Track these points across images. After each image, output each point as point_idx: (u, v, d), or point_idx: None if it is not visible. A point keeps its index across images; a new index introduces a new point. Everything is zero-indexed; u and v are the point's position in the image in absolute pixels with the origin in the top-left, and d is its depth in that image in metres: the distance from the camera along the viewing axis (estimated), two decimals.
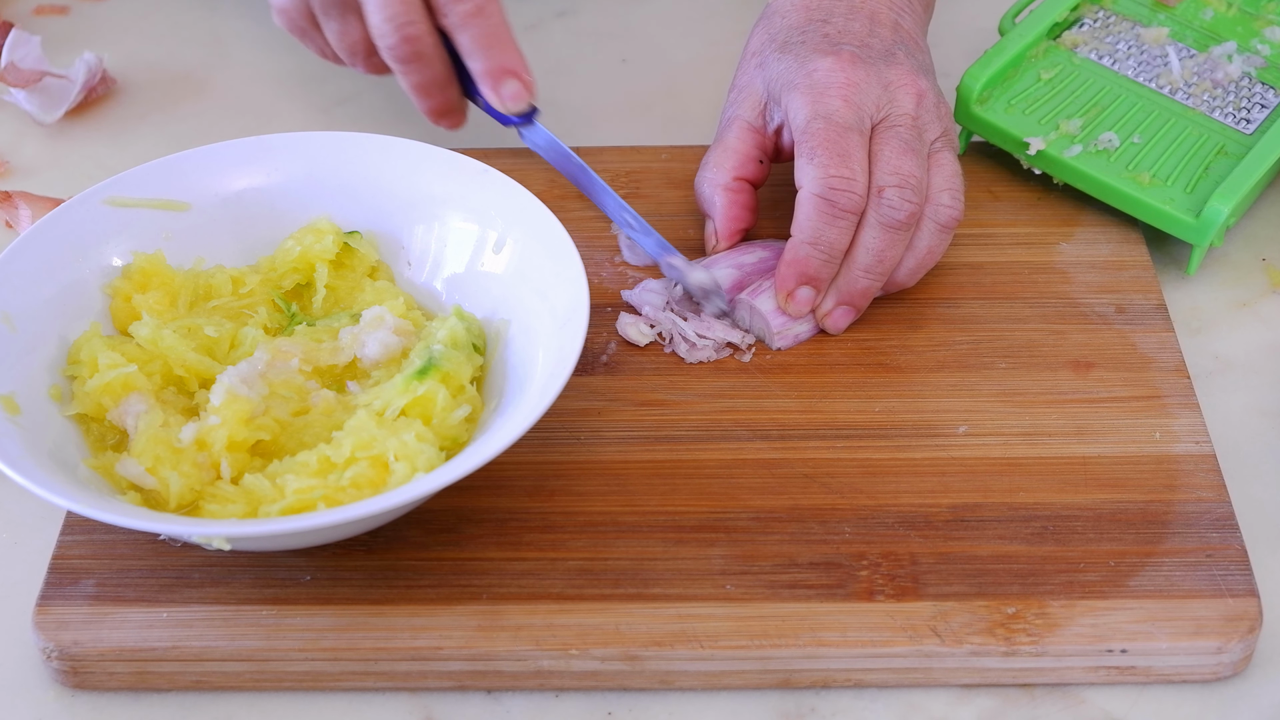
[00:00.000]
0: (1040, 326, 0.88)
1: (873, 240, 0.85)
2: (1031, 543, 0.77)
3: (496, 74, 0.91)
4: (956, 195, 0.87)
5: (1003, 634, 0.74)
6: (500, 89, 0.91)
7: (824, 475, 0.81)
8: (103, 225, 0.85)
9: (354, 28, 0.92)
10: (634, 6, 1.15)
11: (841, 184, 0.84)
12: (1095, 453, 0.82)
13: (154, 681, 0.75)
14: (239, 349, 0.83)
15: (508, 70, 0.91)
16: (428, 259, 0.87)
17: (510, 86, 0.91)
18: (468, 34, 0.90)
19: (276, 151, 0.88)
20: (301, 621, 0.75)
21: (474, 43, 0.90)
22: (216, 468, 0.77)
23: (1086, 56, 0.98)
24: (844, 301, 0.87)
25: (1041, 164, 0.95)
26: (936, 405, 0.84)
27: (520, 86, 0.91)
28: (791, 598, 0.75)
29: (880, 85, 0.87)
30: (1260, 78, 0.97)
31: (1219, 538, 0.77)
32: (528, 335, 0.81)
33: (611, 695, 0.75)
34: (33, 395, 0.78)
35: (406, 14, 0.89)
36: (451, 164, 0.87)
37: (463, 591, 0.76)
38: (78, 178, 1.01)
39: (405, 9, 0.89)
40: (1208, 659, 0.74)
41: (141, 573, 0.77)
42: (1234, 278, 0.94)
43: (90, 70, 1.05)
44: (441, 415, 0.78)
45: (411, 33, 0.90)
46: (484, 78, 0.91)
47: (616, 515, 0.79)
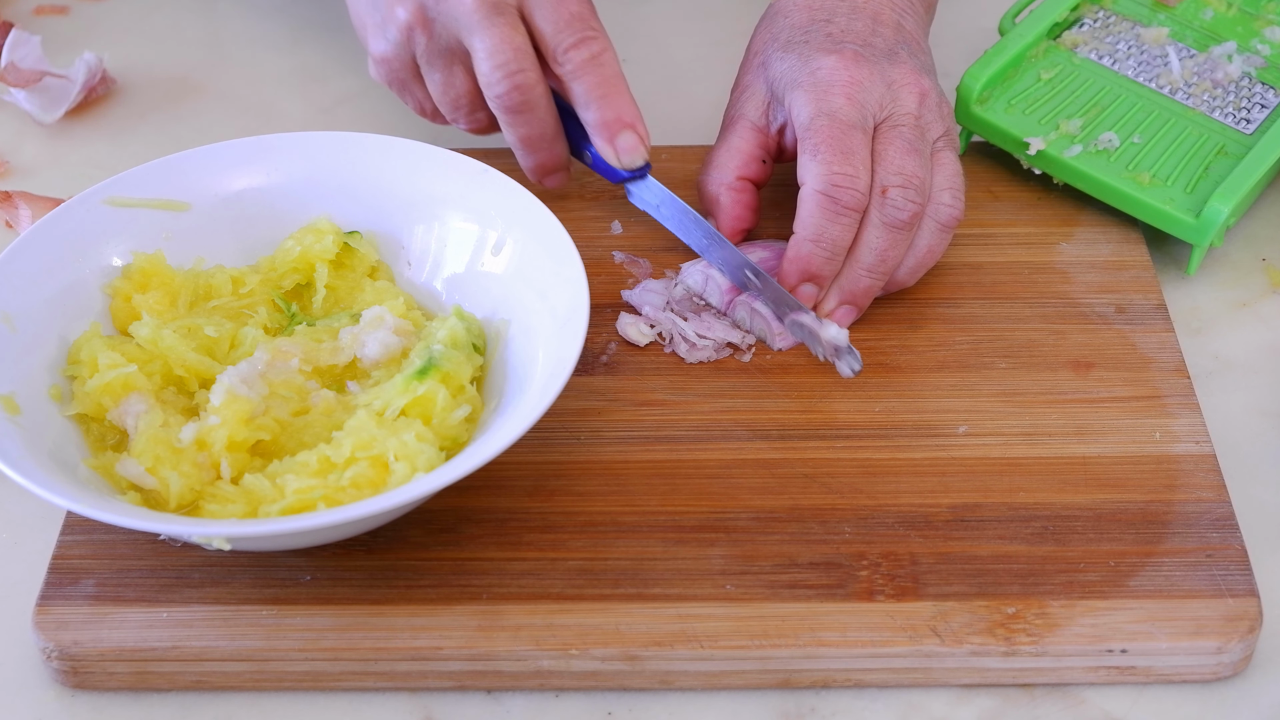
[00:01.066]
0: (1040, 326, 0.88)
1: (876, 239, 0.85)
2: (1031, 543, 0.77)
3: (613, 126, 0.88)
4: (958, 195, 0.87)
5: (1003, 634, 0.74)
6: (616, 141, 0.88)
7: (824, 475, 0.81)
8: (103, 225, 0.85)
9: (459, 79, 0.90)
10: (634, 6, 1.15)
11: (845, 181, 0.84)
12: (1095, 453, 0.82)
13: (154, 681, 0.75)
14: (239, 349, 0.83)
15: (625, 123, 0.88)
16: (428, 259, 0.87)
17: (627, 139, 0.88)
18: (583, 83, 0.87)
19: (276, 151, 0.88)
20: (301, 621, 0.75)
21: (590, 93, 0.87)
22: (216, 468, 0.77)
23: (1086, 56, 0.98)
24: (846, 301, 0.87)
25: (1041, 164, 0.95)
26: (936, 405, 0.84)
27: (636, 139, 0.88)
28: (791, 598, 0.75)
29: (884, 84, 0.87)
30: (1260, 78, 0.97)
31: (1219, 538, 0.77)
32: (528, 335, 0.81)
33: (611, 695, 0.75)
34: (33, 395, 0.78)
35: (518, 61, 0.86)
36: (451, 164, 0.87)
37: (463, 591, 0.76)
38: (78, 178, 1.01)
39: (517, 56, 0.86)
40: (1208, 659, 0.74)
41: (141, 573, 0.77)
42: (1234, 278, 0.94)
43: (90, 70, 1.05)
44: (441, 415, 0.77)
45: (523, 80, 0.86)
46: (599, 129, 0.88)
47: (616, 515, 0.79)
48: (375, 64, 0.92)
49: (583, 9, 0.88)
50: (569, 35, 0.87)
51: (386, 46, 0.90)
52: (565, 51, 0.87)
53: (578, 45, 0.86)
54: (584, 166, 0.94)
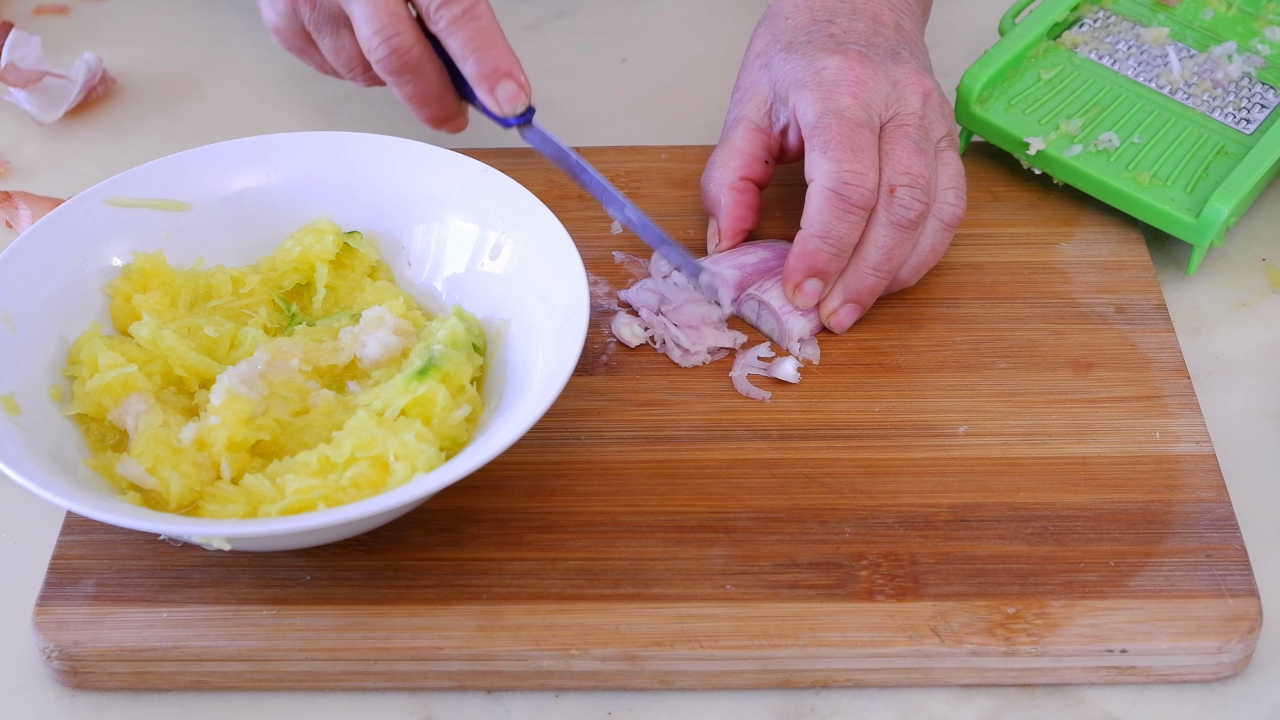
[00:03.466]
0: (1040, 326, 0.88)
1: (883, 238, 0.85)
2: (1031, 543, 0.77)
3: (490, 77, 0.89)
4: (960, 194, 0.88)
5: (1003, 634, 0.74)
6: (496, 91, 0.89)
7: (824, 475, 0.81)
8: (103, 225, 0.85)
9: (347, 42, 0.92)
10: (634, 6, 1.15)
11: (854, 179, 0.84)
12: (1095, 453, 0.82)
13: (154, 681, 0.75)
14: (239, 349, 0.83)
15: (501, 72, 0.89)
16: (428, 259, 0.87)
17: (506, 88, 0.90)
18: (457, 38, 0.89)
19: (276, 151, 0.88)
20: (301, 621, 0.75)
21: (464, 46, 0.89)
22: (216, 468, 0.77)
23: (1086, 56, 0.98)
24: (851, 299, 0.87)
25: (1041, 164, 0.95)
26: (936, 405, 0.84)
27: (515, 87, 0.90)
28: (791, 598, 0.75)
29: (888, 83, 0.87)
30: (1260, 78, 0.97)
31: (1219, 538, 0.77)
32: (528, 335, 0.81)
33: (611, 695, 0.75)
34: (33, 395, 0.78)
35: (394, 25, 0.88)
36: (451, 164, 0.87)
37: (463, 591, 0.76)
38: (78, 178, 1.01)
39: (392, 20, 0.88)
40: (1208, 659, 0.74)
41: (141, 573, 0.77)
42: (1234, 278, 0.94)
43: (90, 70, 1.05)
44: (441, 415, 0.78)
45: (399, 44, 0.88)
46: (478, 81, 0.90)
47: (616, 515, 0.79)
48: (272, 32, 0.95)
49: None
50: None
51: (276, 18, 0.93)
52: (436, 10, 0.88)
53: (446, 3, 0.88)
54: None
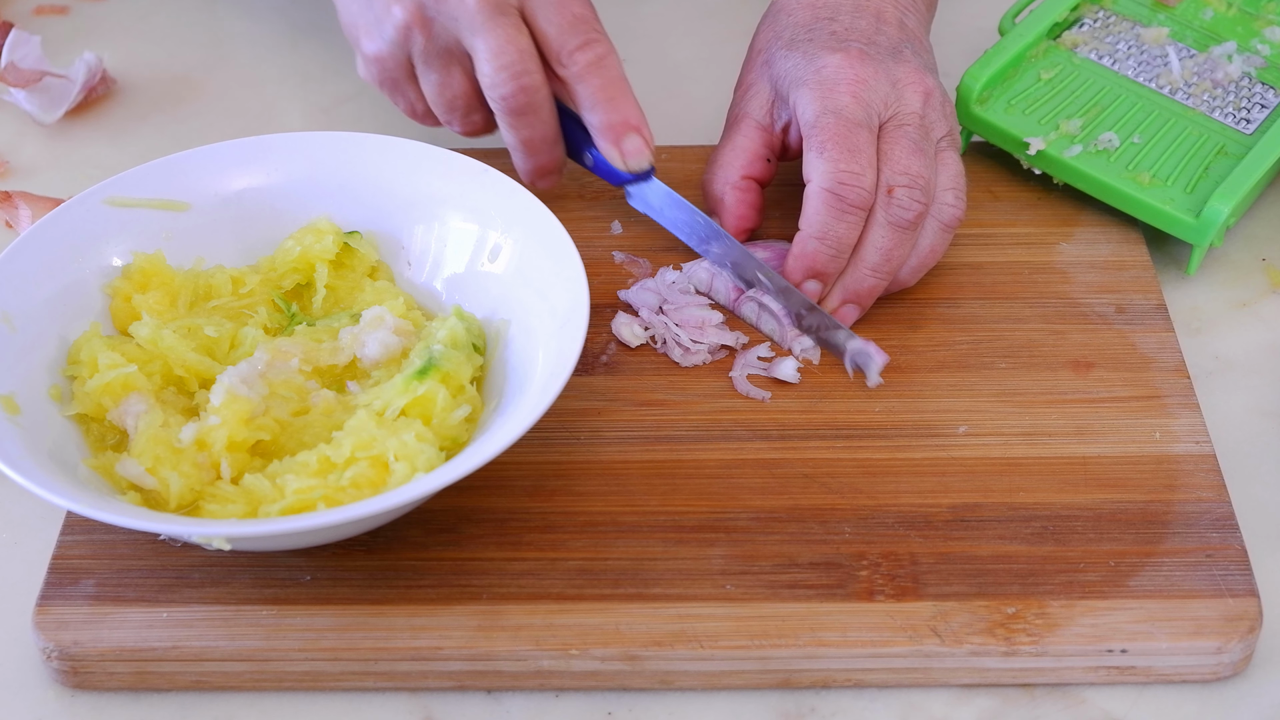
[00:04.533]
0: (1040, 326, 0.88)
1: (881, 239, 0.85)
2: (1031, 543, 0.77)
3: (619, 129, 0.88)
4: (960, 195, 0.88)
5: (1003, 634, 0.74)
6: (622, 145, 0.88)
7: (824, 475, 0.81)
8: (103, 225, 0.85)
9: (457, 81, 0.89)
10: (634, 6, 1.15)
11: (851, 179, 0.84)
12: (1095, 453, 0.82)
13: (154, 681, 0.75)
14: (239, 349, 0.83)
15: (631, 126, 0.88)
16: (428, 259, 0.87)
17: (632, 143, 0.88)
18: (588, 86, 0.87)
19: (276, 151, 0.88)
20: (301, 621, 0.75)
21: (595, 95, 0.87)
22: (216, 468, 0.77)
23: (1086, 56, 0.98)
24: (850, 300, 0.87)
25: (1041, 164, 0.95)
26: (936, 405, 0.84)
27: (642, 143, 0.88)
28: (791, 598, 0.75)
29: (888, 82, 0.87)
30: (1260, 78, 0.97)
31: (1219, 538, 0.77)
32: (528, 335, 0.81)
33: (611, 695, 0.75)
34: (33, 395, 0.78)
35: (523, 63, 0.86)
36: (451, 164, 0.87)
37: (463, 591, 0.76)
38: (78, 178, 1.01)
39: (522, 58, 0.86)
40: (1208, 659, 0.74)
41: (141, 573, 0.77)
42: (1234, 278, 0.94)
43: (90, 70, 1.05)
44: (441, 415, 0.77)
45: (528, 83, 0.86)
46: (605, 132, 0.88)
47: (616, 515, 0.79)
48: (367, 63, 0.91)
49: (586, 11, 0.87)
50: (573, 38, 0.86)
51: (381, 45, 0.89)
52: (570, 54, 0.86)
53: (582, 48, 0.86)
54: (577, 167, 0.94)
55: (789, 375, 0.85)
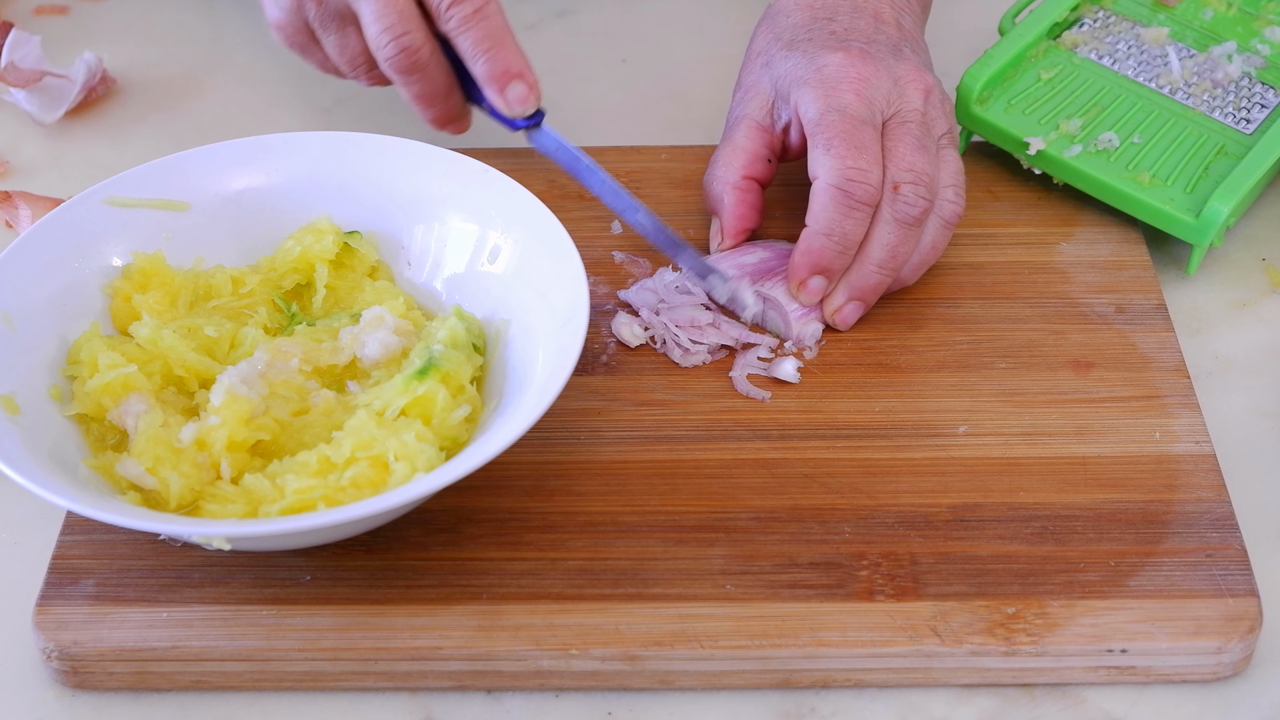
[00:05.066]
0: (1040, 326, 0.88)
1: (887, 235, 0.85)
2: (1031, 543, 0.77)
3: (501, 78, 0.89)
4: (960, 192, 0.88)
5: (1003, 634, 0.74)
6: (506, 93, 0.89)
7: (824, 475, 0.81)
8: (103, 225, 0.85)
9: (353, 40, 0.91)
10: (634, 6, 1.15)
11: (858, 175, 0.84)
12: (1095, 453, 0.82)
13: (154, 681, 0.75)
14: (239, 349, 0.83)
15: (512, 73, 0.89)
16: (428, 259, 0.87)
17: (516, 90, 0.89)
18: (468, 38, 0.89)
19: (276, 151, 0.88)
20: (301, 621, 0.75)
21: (475, 46, 0.89)
22: (216, 468, 0.77)
23: (1086, 56, 0.98)
24: (855, 297, 0.87)
25: (1041, 164, 0.95)
26: (936, 405, 0.84)
27: (526, 89, 0.90)
28: (791, 598, 0.75)
29: (890, 80, 0.87)
30: (1260, 78, 0.97)
31: (1219, 538, 0.77)
32: (528, 335, 0.81)
33: (611, 695, 0.75)
34: (33, 395, 0.78)
35: (403, 24, 0.88)
36: (451, 164, 0.87)
37: (463, 591, 0.76)
38: (78, 178, 1.01)
39: (401, 19, 0.88)
40: (1208, 659, 0.74)
41: (141, 573, 0.77)
42: (1234, 278, 0.94)
43: (90, 70, 1.05)
44: (441, 415, 0.78)
45: (409, 43, 0.88)
46: (488, 82, 0.89)
47: (616, 515, 0.79)
48: (274, 29, 0.94)
49: None
50: None
51: (280, 14, 0.93)
52: (447, 9, 0.88)
53: (458, 1, 0.88)
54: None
55: (789, 375, 0.85)
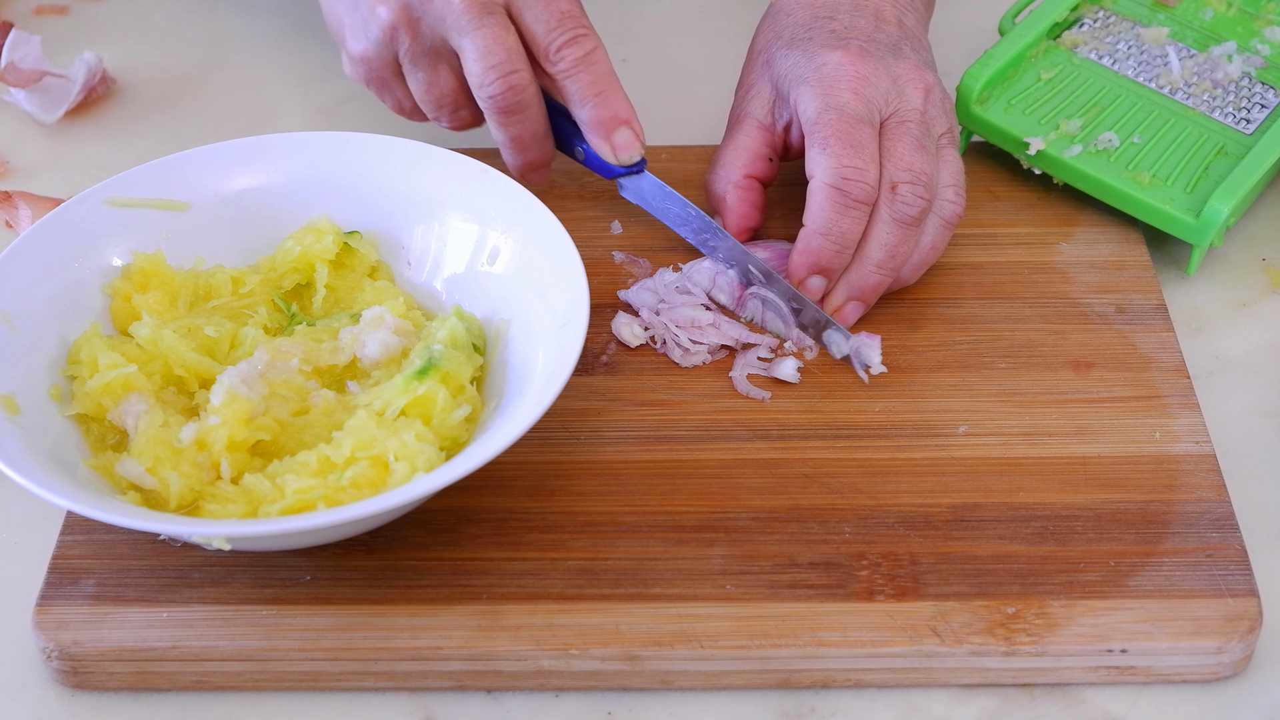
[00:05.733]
0: (1040, 326, 0.88)
1: (886, 235, 0.85)
2: (1031, 543, 0.77)
3: (609, 124, 0.88)
4: (960, 191, 0.88)
5: (1003, 634, 0.74)
6: (613, 139, 0.88)
7: (824, 475, 0.81)
8: (103, 225, 0.85)
9: (445, 79, 0.89)
10: (634, 6, 1.15)
11: (854, 174, 0.84)
12: (1095, 453, 0.82)
13: (154, 681, 0.75)
14: (239, 349, 0.83)
15: (620, 119, 0.88)
16: (428, 259, 0.87)
17: (623, 136, 0.88)
18: (577, 82, 0.87)
19: (276, 151, 0.88)
20: (301, 621, 0.75)
21: (584, 90, 0.87)
22: (216, 468, 0.77)
23: (1086, 56, 0.98)
24: (854, 297, 0.87)
25: (1041, 164, 0.95)
26: (936, 405, 0.84)
27: (633, 136, 0.89)
28: (791, 598, 0.75)
29: (889, 79, 0.87)
30: (1260, 78, 0.97)
31: (1219, 538, 0.77)
32: (528, 335, 0.81)
33: (611, 695, 0.75)
34: (33, 395, 0.78)
35: (511, 62, 0.86)
36: (451, 164, 0.87)
37: (463, 591, 0.76)
38: (78, 178, 1.01)
39: (509, 56, 0.86)
40: (1208, 659, 0.74)
41: (141, 573, 0.77)
42: (1234, 278, 0.94)
43: (90, 70, 1.05)
44: (441, 415, 0.78)
45: (516, 81, 0.86)
46: (595, 127, 0.88)
47: (616, 515, 0.79)
48: (353, 63, 0.92)
49: (572, 7, 0.88)
50: (560, 34, 0.87)
51: (367, 46, 0.90)
52: (558, 51, 0.87)
53: (570, 44, 0.86)
54: (572, 166, 0.94)
55: (789, 375, 0.85)
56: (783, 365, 0.86)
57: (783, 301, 0.87)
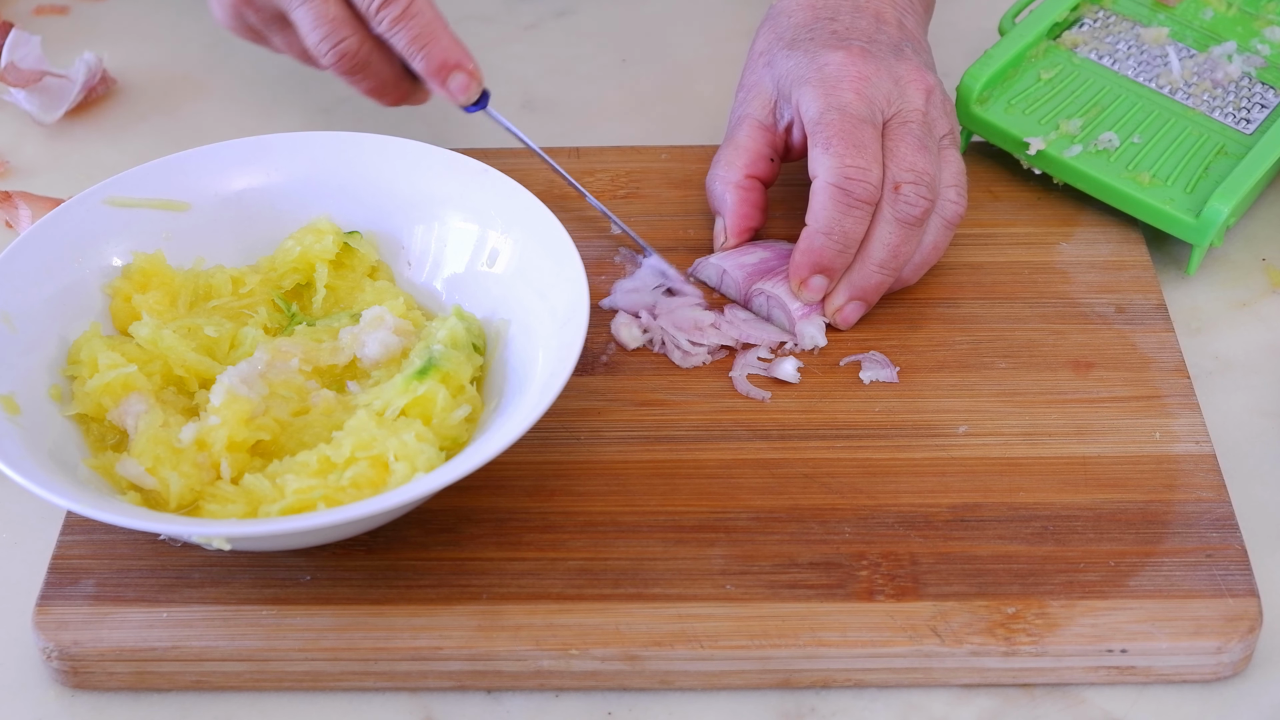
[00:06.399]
0: (1040, 326, 0.88)
1: (888, 235, 0.85)
2: (1031, 543, 0.77)
3: (440, 71, 0.89)
4: (962, 192, 0.88)
5: (1003, 634, 0.74)
6: (448, 85, 0.90)
7: (824, 475, 0.81)
8: (103, 225, 0.85)
9: (295, 40, 0.92)
10: (634, 6, 1.15)
11: (857, 174, 0.84)
12: (1095, 453, 0.82)
13: (154, 681, 0.75)
14: (239, 349, 0.83)
15: (449, 65, 0.89)
16: (428, 259, 0.87)
17: (456, 80, 0.90)
18: (401, 38, 0.89)
19: (276, 151, 0.88)
20: (301, 621, 0.75)
21: (410, 45, 0.89)
22: (216, 468, 0.77)
23: (1086, 56, 0.98)
24: (856, 296, 0.87)
25: (1041, 164, 0.95)
26: (936, 405, 0.84)
27: (466, 77, 0.90)
28: (791, 598, 0.75)
29: (891, 79, 0.87)
30: (1260, 78, 0.97)
31: (1219, 538, 0.77)
32: (528, 335, 0.81)
33: (611, 695, 0.75)
34: (33, 395, 0.78)
35: (336, 31, 0.89)
36: (451, 164, 0.87)
37: (463, 591, 0.76)
38: (78, 178, 1.01)
39: (334, 26, 0.89)
40: (1208, 659, 0.74)
41: (141, 573, 0.77)
42: (1234, 278, 0.94)
43: (90, 70, 1.05)
44: (441, 415, 0.78)
45: (346, 48, 0.89)
46: (429, 78, 0.90)
47: (616, 515, 0.79)
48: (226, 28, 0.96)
49: None
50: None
51: (224, 17, 0.95)
52: (376, 12, 0.89)
53: (386, 4, 0.88)
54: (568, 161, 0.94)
55: (789, 375, 0.85)
56: (783, 365, 0.86)
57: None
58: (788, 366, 0.85)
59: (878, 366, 0.85)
